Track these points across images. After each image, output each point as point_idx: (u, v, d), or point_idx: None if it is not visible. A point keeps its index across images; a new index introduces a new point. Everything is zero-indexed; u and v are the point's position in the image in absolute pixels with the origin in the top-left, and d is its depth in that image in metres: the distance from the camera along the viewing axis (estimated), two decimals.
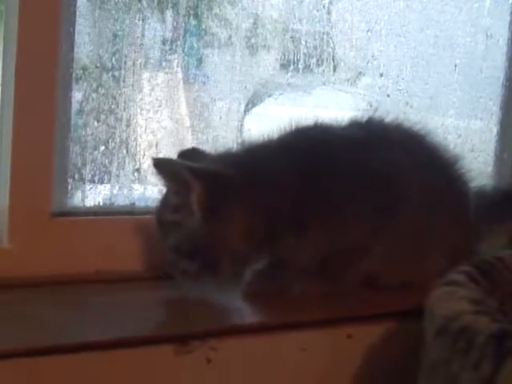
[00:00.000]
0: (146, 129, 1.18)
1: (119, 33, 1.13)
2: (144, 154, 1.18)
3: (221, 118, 1.25)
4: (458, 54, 1.44)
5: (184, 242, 0.99)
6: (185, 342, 0.90)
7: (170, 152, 1.20)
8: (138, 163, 1.17)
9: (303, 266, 1.06)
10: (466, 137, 1.47)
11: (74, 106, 1.11)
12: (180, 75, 1.22)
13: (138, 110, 1.17)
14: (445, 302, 0.86)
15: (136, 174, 1.18)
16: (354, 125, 1.13)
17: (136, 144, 1.16)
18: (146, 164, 1.18)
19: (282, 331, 0.97)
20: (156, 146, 1.19)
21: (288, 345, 0.98)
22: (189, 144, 1.22)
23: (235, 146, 1.11)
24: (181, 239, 0.99)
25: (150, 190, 1.18)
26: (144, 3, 1.15)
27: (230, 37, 1.23)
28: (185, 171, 0.96)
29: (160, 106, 1.19)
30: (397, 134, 1.14)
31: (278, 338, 0.97)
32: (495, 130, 1.53)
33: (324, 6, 1.27)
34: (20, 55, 1.01)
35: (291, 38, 1.25)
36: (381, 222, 1.06)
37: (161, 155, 1.20)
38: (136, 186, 1.18)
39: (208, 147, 1.18)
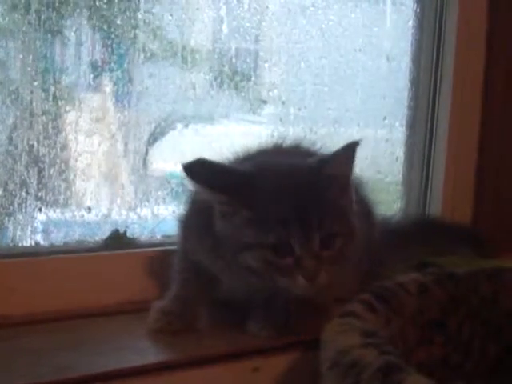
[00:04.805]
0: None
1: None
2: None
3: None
4: (360, 79, 1.45)
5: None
6: None
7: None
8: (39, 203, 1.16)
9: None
10: (372, 159, 1.48)
11: None
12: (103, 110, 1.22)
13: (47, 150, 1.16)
14: (338, 334, 0.86)
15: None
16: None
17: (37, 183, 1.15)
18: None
19: (185, 369, 0.96)
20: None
21: (193, 382, 0.97)
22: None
23: None
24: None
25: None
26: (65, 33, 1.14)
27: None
28: None
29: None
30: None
31: (182, 376, 0.96)
32: (401, 151, 1.54)
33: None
34: None
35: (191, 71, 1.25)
36: None
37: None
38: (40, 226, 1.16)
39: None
